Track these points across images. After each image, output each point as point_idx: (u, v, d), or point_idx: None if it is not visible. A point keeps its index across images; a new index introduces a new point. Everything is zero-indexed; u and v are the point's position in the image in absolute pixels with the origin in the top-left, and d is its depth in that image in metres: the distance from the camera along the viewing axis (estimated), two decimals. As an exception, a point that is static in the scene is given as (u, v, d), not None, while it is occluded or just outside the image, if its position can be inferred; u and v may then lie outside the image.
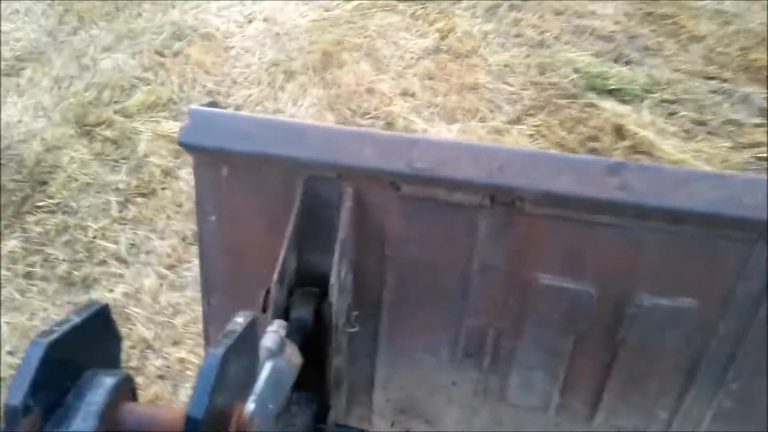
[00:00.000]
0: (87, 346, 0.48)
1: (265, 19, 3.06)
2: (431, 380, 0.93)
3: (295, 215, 0.78)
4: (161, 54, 2.82)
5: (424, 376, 0.93)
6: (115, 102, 2.60)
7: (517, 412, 0.93)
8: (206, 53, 2.83)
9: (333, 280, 0.75)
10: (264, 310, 0.74)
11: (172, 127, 2.47)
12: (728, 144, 2.59)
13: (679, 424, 0.88)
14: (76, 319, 0.46)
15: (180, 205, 2.22)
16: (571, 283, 0.80)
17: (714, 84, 2.87)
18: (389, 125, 2.61)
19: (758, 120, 2.72)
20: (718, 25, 3.20)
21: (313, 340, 0.77)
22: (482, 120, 2.67)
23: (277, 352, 0.67)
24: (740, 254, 0.75)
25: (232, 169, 0.81)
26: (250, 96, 2.68)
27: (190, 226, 2.15)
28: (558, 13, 3.16)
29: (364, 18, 3.08)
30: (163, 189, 2.27)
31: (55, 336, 0.44)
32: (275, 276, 0.74)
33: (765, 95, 2.82)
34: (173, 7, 3.08)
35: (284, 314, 0.76)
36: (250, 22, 3.05)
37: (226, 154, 0.80)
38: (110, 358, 0.53)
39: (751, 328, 0.79)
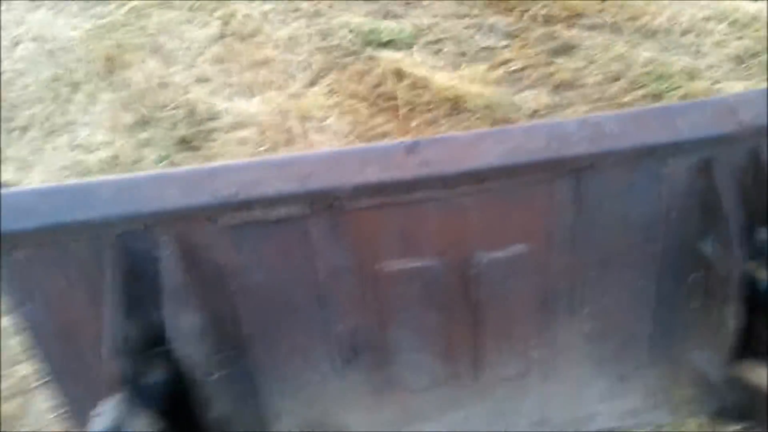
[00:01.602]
0: None
1: (34, 39, 2.93)
2: (324, 396, 0.93)
3: (111, 280, 0.73)
4: None
5: (315, 395, 0.92)
6: None
7: (417, 396, 0.96)
8: (-28, 84, 2.65)
9: (170, 334, 0.72)
10: (110, 387, 0.71)
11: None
12: (485, 66, 3.09)
13: (554, 357, 0.94)
14: None
15: None
16: (414, 262, 0.83)
17: (466, 21, 3.38)
18: (191, 112, 2.68)
19: (505, 42, 3.27)
20: (462, -26, 3.74)
21: (182, 399, 0.75)
22: (279, 89, 2.87)
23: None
24: (544, 194, 0.82)
25: (27, 250, 0.74)
26: (34, 115, 2.57)
27: None
28: (327, -15, 3.46)
29: (140, 19, 3.09)
30: None
31: None
32: (106, 350, 0.70)
33: (507, 22, 3.39)
34: None
35: (133, 384, 0.73)
36: (17, 44, 2.89)
37: (12, 237, 0.72)
38: None
39: (577, 255, 0.86)
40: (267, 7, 3.26)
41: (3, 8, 3.10)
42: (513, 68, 3.09)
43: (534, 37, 3.32)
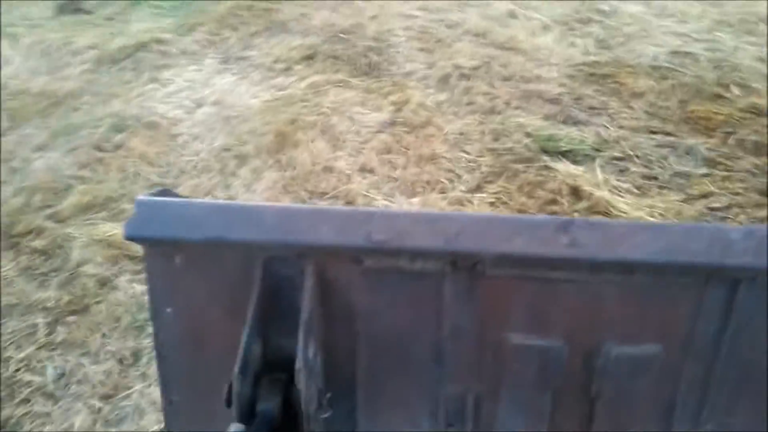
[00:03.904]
0: None
1: (215, 103, 3.01)
2: None
3: (255, 299, 0.77)
4: (100, 148, 2.70)
5: None
6: (47, 206, 2.42)
7: None
8: (150, 143, 2.74)
9: (299, 365, 0.73)
10: (229, 404, 0.72)
11: (110, 229, 2.31)
12: (680, 197, 2.66)
13: None
14: None
15: (117, 320, 2.03)
16: (540, 340, 0.82)
17: (659, 138, 2.98)
18: (349, 204, 2.56)
19: (705, 170, 2.82)
20: (655, 81, 3.36)
21: (284, 428, 0.75)
22: (442, 191, 2.67)
23: None
24: (693, 298, 0.79)
25: (185, 258, 0.80)
26: (198, 185, 2.58)
27: (128, 345, 1.96)
28: (506, 80, 3.26)
29: (318, 95, 3.08)
30: (97, 303, 2.08)
31: None
32: (236, 368, 0.72)
33: (708, 145, 2.94)
34: (116, 96, 3.00)
35: (249, 407, 0.74)
36: (199, 107, 2.99)
37: (179, 243, 0.79)
38: None
39: (716, 368, 0.82)
40: (442, 97, 3.12)
41: (193, 68, 3.25)
42: (714, 205, 2.63)
43: (740, 168, 2.84)
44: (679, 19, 3.97)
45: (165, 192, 0.85)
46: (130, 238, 0.78)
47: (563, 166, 2.78)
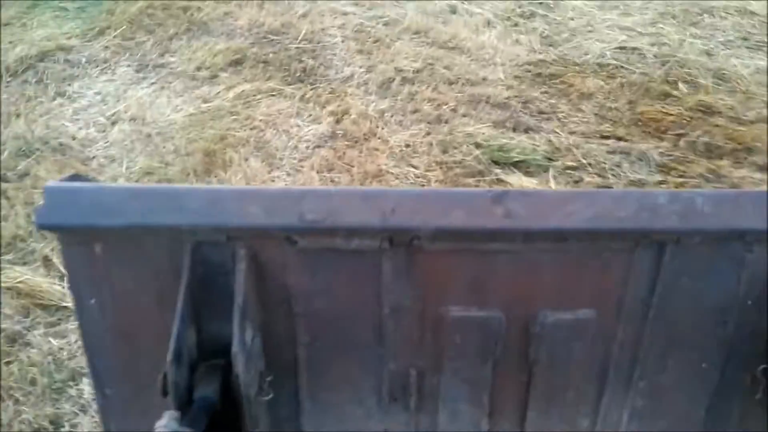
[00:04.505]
0: None
1: (133, 119, 2.68)
2: (364, 430, 0.92)
3: (184, 286, 0.75)
4: (2, 179, 2.35)
5: (354, 429, 0.92)
6: (-58, 251, 2.10)
7: None
8: (60, 170, 2.41)
9: (236, 349, 0.72)
10: (164, 394, 0.71)
11: (19, 275, 2.01)
12: (635, 208, 2.58)
13: (600, 428, 0.93)
14: None
15: (32, 383, 1.76)
16: (479, 311, 0.83)
17: (611, 143, 2.89)
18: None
19: (659, 177, 2.75)
20: (603, 80, 3.27)
21: (226, 414, 0.74)
22: (390, 212, 2.48)
23: None
24: (623, 262, 0.81)
25: (106, 246, 0.77)
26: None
27: (46, 412, 1.70)
28: (451, 83, 3.08)
29: (248, 107, 2.80)
30: (7, 364, 1.81)
31: None
32: (169, 356, 0.70)
33: (660, 150, 2.87)
34: (17, 115, 2.62)
35: (187, 395, 0.73)
36: (113, 123, 2.66)
37: (97, 231, 0.75)
38: None
39: (646, 329, 0.85)
40: (385, 104, 2.90)
41: (104, 78, 2.90)
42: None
43: (694, 172, 2.78)
44: (623, 12, 3.90)
45: (77, 178, 0.80)
46: (43, 227, 0.74)
47: (516, 179, 2.64)
